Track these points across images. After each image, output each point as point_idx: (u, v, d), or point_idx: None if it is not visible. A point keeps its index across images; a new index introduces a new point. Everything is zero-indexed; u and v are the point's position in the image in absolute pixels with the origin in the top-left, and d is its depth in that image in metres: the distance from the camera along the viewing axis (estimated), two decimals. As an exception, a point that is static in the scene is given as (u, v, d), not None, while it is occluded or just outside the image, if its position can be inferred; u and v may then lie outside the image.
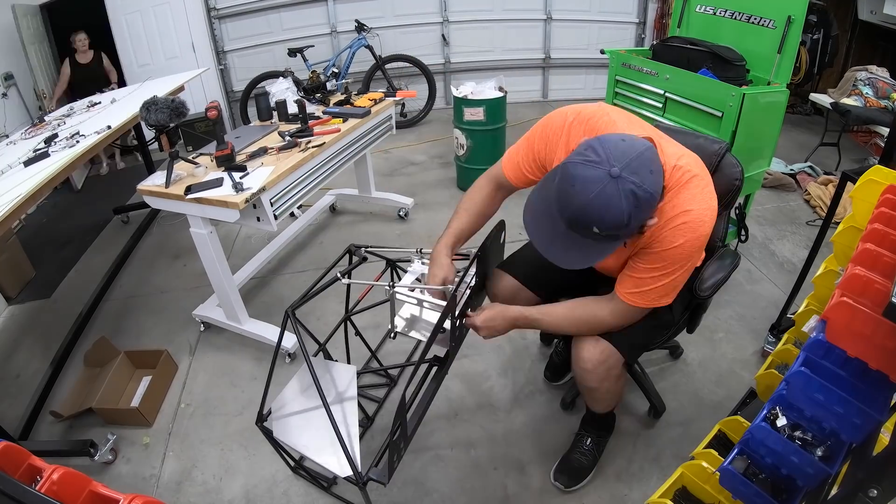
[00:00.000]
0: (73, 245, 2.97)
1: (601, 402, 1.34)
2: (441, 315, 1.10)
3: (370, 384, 1.79)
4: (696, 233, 1.00)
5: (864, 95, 3.07)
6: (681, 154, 1.04)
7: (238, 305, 1.97)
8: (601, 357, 1.16)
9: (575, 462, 1.47)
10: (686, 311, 1.34)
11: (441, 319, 1.10)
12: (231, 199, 1.60)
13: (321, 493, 1.48)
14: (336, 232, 2.83)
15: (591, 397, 1.33)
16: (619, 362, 1.19)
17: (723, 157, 1.28)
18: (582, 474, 1.46)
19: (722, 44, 2.08)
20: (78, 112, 2.57)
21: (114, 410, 1.72)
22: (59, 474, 0.82)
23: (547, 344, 1.94)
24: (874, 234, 1.16)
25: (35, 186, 1.68)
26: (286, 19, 4.24)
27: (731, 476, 1.08)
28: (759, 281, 2.26)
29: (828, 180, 2.95)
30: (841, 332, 0.95)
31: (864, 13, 3.66)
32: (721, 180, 1.24)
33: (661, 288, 1.06)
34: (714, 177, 1.14)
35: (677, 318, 1.30)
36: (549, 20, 4.47)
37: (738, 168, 1.27)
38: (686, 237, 1.00)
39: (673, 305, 1.16)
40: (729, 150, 1.30)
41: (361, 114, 2.23)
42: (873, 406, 0.91)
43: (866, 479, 0.78)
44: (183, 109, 1.74)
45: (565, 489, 1.44)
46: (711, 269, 1.25)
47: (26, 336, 2.27)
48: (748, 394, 1.61)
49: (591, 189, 0.85)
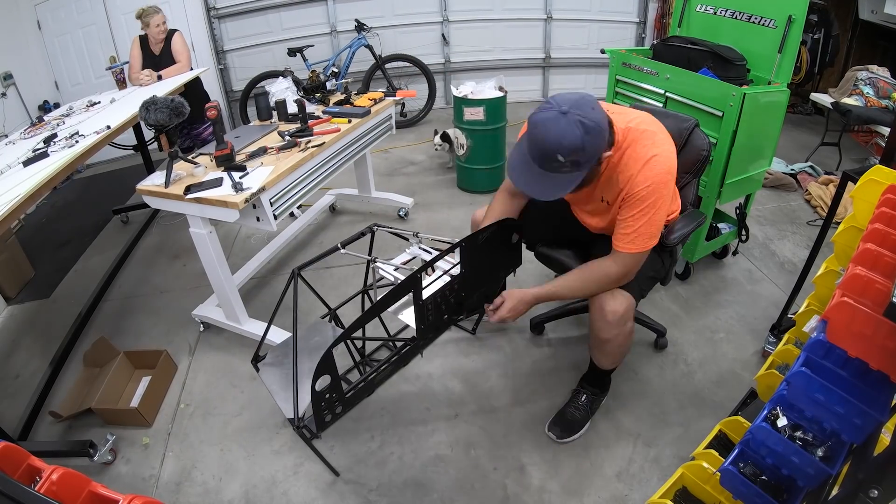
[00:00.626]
0: (72, 245, 2.97)
1: (610, 356, 1.48)
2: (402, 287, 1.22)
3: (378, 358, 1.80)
4: (659, 170, 1.22)
5: (864, 95, 3.07)
6: (632, 117, 1.28)
7: (238, 306, 1.97)
8: (621, 308, 1.32)
9: (569, 415, 1.60)
10: (664, 264, 1.54)
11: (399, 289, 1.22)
12: (231, 199, 1.59)
13: (320, 493, 1.48)
14: (336, 232, 2.83)
15: (602, 351, 1.46)
16: (632, 309, 1.36)
17: (692, 132, 1.51)
18: (574, 428, 1.59)
19: (722, 43, 2.08)
20: (77, 112, 2.57)
21: (113, 411, 1.72)
22: (58, 475, 0.81)
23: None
24: (875, 234, 1.16)
25: (34, 186, 1.68)
26: (286, 19, 4.24)
27: (731, 476, 1.07)
28: (759, 281, 2.26)
29: (828, 180, 2.95)
30: (842, 332, 0.95)
31: (864, 13, 3.66)
32: (691, 151, 1.51)
33: (645, 228, 1.25)
34: (685, 148, 1.50)
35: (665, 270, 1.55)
36: (550, 20, 4.47)
37: (705, 140, 1.50)
38: (652, 177, 1.21)
39: (662, 258, 1.47)
40: (697, 125, 1.53)
41: (361, 113, 2.23)
42: (874, 406, 0.90)
43: (867, 480, 0.78)
44: (182, 109, 1.74)
45: (557, 439, 1.58)
46: (680, 225, 1.49)
47: (25, 336, 2.27)
48: (749, 394, 1.61)
49: (549, 126, 1.11)
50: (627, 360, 1.84)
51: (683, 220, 1.51)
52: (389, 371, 1.47)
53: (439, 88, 4.49)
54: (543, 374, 1.83)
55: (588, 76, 4.67)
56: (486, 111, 2.86)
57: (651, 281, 1.50)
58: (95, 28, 3.93)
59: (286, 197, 1.83)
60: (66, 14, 3.85)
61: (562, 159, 1.11)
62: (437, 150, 3.21)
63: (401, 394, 1.78)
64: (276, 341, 1.77)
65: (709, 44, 2.08)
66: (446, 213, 2.93)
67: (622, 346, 1.43)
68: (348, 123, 2.16)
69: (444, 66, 4.55)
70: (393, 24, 4.30)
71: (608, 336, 1.38)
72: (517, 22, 4.45)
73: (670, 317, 2.05)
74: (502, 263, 1.51)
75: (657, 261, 1.47)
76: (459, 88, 2.95)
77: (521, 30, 4.48)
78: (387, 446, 1.60)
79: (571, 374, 1.80)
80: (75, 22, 3.89)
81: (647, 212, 1.24)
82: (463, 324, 1.96)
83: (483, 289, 1.47)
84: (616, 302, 1.33)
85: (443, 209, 2.97)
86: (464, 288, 1.39)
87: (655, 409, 1.67)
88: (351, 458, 1.56)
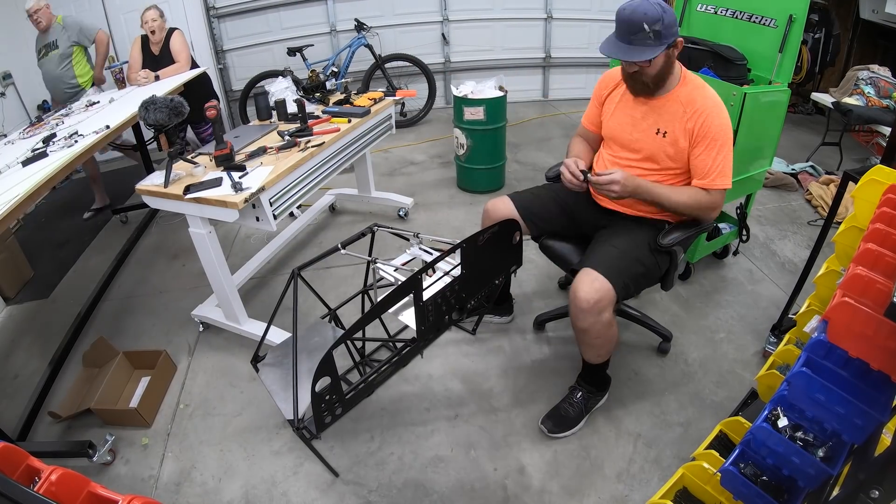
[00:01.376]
0: (71, 245, 2.97)
1: (593, 347, 1.48)
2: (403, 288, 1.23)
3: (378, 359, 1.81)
4: (729, 121, 1.41)
5: (865, 95, 3.06)
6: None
7: (237, 306, 1.97)
8: (595, 296, 1.34)
9: (562, 411, 1.61)
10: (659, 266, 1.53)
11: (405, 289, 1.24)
12: (230, 199, 1.59)
13: (320, 494, 1.47)
14: (336, 232, 2.82)
15: (584, 342, 1.48)
16: (611, 301, 1.36)
17: None
18: (567, 424, 1.60)
19: (723, 43, 2.07)
20: (76, 112, 2.57)
21: (112, 411, 1.72)
22: (57, 475, 0.81)
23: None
24: (876, 234, 1.15)
25: (33, 186, 1.68)
26: (285, 18, 4.24)
27: (732, 477, 1.07)
28: (760, 281, 2.26)
29: (829, 180, 2.94)
30: (842, 332, 0.94)
31: (865, 12, 3.66)
32: None
33: (726, 164, 1.41)
34: None
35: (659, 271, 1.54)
36: (550, 19, 4.46)
37: None
38: (727, 123, 1.40)
39: (657, 258, 1.48)
40: None
41: (361, 113, 2.22)
42: (875, 407, 0.90)
43: (868, 480, 0.78)
44: (182, 109, 1.73)
45: (548, 433, 1.59)
46: (678, 229, 1.49)
47: (24, 336, 2.27)
48: (749, 394, 1.61)
49: (635, 5, 1.30)
50: (628, 360, 1.84)
51: (683, 225, 1.51)
52: (389, 372, 1.48)
53: (439, 88, 4.48)
54: (544, 374, 1.82)
55: (589, 76, 4.67)
56: (487, 111, 2.86)
57: (641, 279, 1.48)
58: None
59: (286, 197, 1.83)
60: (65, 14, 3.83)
61: (647, 28, 1.28)
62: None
63: (401, 394, 1.77)
64: (275, 341, 1.78)
65: (709, 43, 2.08)
66: (446, 213, 2.93)
67: (601, 337, 1.43)
68: (348, 123, 2.16)
69: (444, 66, 4.54)
70: (393, 24, 4.30)
71: (584, 325, 1.39)
72: (517, 21, 4.44)
73: (671, 317, 2.05)
74: (503, 264, 1.51)
75: (650, 258, 1.47)
76: (459, 88, 2.94)
77: (521, 29, 4.48)
78: (386, 447, 1.59)
79: (572, 375, 1.79)
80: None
81: (723, 150, 1.40)
82: (463, 324, 1.96)
83: (484, 290, 1.46)
84: (592, 289, 1.34)
85: (443, 209, 2.97)
86: (464, 289, 1.39)
87: (656, 410, 1.67)
88: (350, 459, 1.56)
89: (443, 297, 1.34)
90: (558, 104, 4.64)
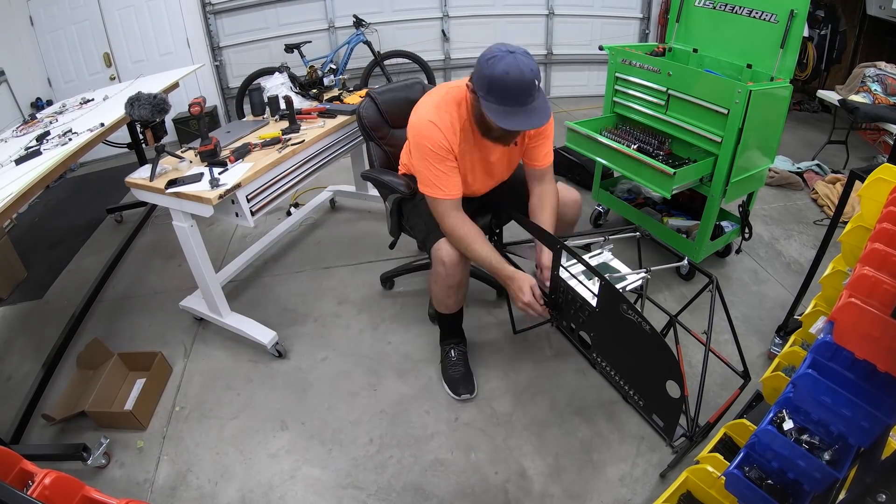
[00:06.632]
0: (65, 245, 2.94)
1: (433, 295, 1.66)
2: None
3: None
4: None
5: (872, 92, 3.03)
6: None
7: (219, 299, 1.96)
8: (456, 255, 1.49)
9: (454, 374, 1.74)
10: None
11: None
12: (205, 195, 1.59)
13: (318, 498, 1.45)
14: (333, 229, 2.80)
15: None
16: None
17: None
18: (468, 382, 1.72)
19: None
20: (70, 109, 2.53)
21: (107, 413, 1.69)
22: (51, 479, 0.81)
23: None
24: (883, 234, 1.14)
25: (26, 185, 1.65)
26: (283, 14, 4.20)
27: (736, 480, 1.06)
28: (765, 281, 2.23)
29: (835, 179, 2.91)
30: (849, 333, 0.93)
31: (872, 8, 3.62)
32: None
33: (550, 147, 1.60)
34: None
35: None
36: (551, 15, 4.43)
37: None
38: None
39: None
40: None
41: (349, 111, 2.19)
42: (882, 409, 0.89)
43: (874, 484, 0.76)
44: (165, 106, 1.75)
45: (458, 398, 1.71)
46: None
47: (18, 338, 2.24)
48: (754, 396, 1.59)
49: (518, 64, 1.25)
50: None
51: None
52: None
53: (438, 85, 4.46)
54: (545, 376, 1.80)
55: (591, 73, 4.65)
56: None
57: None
58: (89, 24, 3.89)
59: (264, 194, 1.82)
60: (59, 10, 3.80)
61: (538, 84, 1.29)
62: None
63: (400, 396, 1.75)
64: (261, 339, 1.89)
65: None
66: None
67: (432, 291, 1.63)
68: (334, 121, 2.13)
69: (444, 63, 4.51)
70: (392, 20, 4.27)
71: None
72: (518, 17, 4.42)
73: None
74: (628, 355, 1.39)
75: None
76: (459, 85, 2.91)
77: (522, 25, 4.45)
78: (385, 450, 1.57)
79: (574, 377, 1.78)
80: (68, 18, 3.84)
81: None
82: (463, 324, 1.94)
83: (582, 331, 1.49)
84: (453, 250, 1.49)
85: (442, 207, 2.94)
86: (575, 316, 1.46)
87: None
88: (349, 463, 1.54)
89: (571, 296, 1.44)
90: (560, 101, 4.61)
